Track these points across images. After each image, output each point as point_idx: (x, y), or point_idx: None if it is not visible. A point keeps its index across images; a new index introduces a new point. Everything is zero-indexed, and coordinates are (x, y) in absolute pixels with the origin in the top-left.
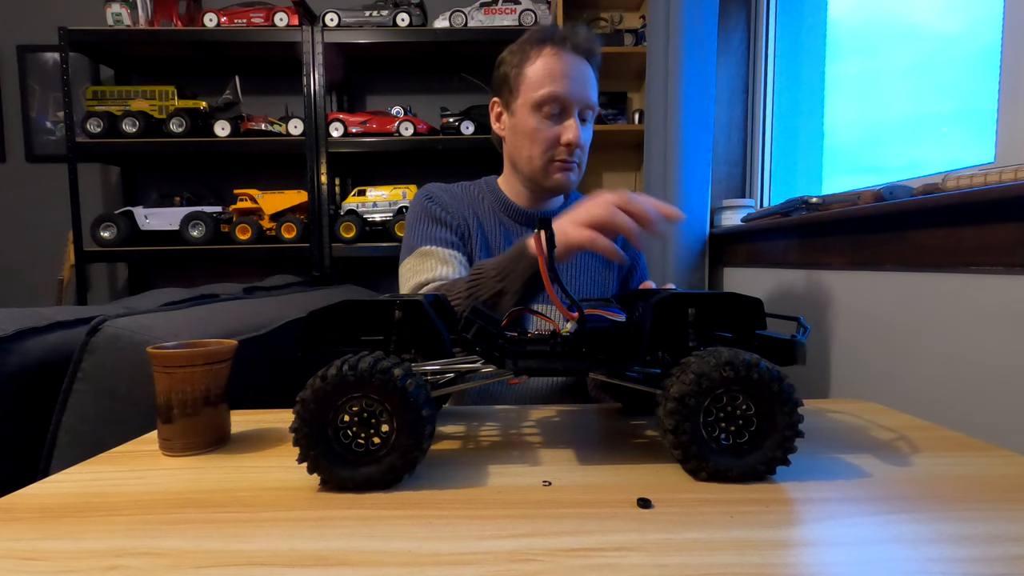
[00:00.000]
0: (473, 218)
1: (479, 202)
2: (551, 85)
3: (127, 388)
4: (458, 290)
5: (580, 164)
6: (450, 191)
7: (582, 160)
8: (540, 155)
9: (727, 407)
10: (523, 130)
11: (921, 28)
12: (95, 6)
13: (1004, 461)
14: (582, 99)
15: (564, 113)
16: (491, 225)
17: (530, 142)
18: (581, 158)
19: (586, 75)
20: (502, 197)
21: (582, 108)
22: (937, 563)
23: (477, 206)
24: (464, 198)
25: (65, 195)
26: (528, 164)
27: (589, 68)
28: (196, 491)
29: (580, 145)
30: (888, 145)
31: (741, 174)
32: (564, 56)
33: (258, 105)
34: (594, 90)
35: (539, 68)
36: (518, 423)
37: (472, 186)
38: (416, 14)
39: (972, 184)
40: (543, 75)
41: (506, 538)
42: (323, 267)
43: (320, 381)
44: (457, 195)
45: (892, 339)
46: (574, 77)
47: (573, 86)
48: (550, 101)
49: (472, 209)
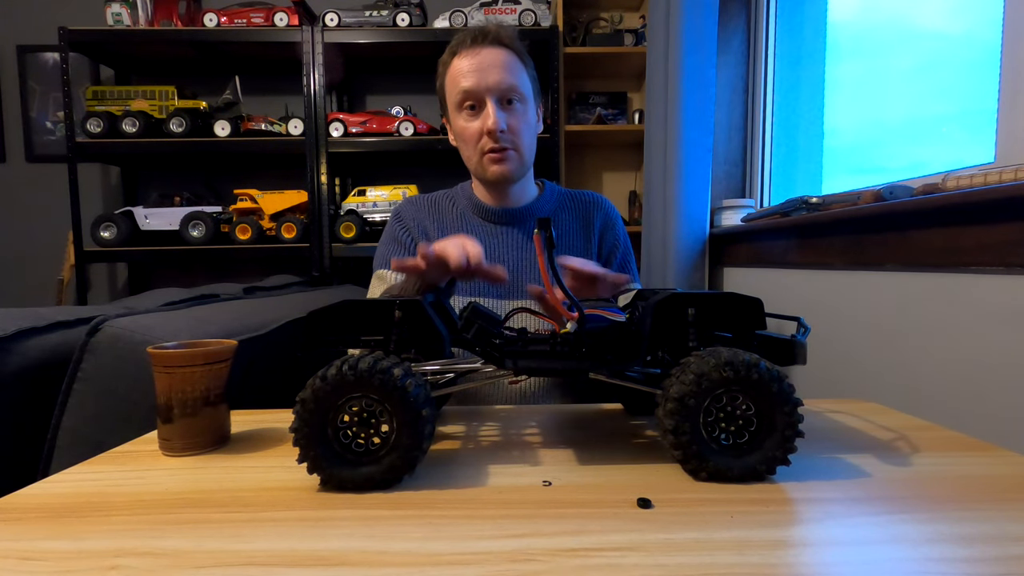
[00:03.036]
0: (435, 226)
1: (448, 207)
2: (463, 83)
3: (127, 388)
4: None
5: (517, 148)
6: (418, 204)
7: (517, 143)
8: (473, 152)
9: (727, 407)
10: (458, 133)
11: (923, 29)
12: (95, 6)
13: (1004, 461)
14: (495, 85)
15: (480, 105)
16: (457, 227)
17: (464, 143)
18: (515, 142)
19: (498, 61)
20: (473, 198)
21: (501, 93)
22: (937, 563)
23: (445, 211)
24: (432, 207)
25: (65, 195)
26: (470, 164)
27: (506, 55)
28: (196, 491)
29: (503, 129)
30: (890, 146)
31: (741, 174)
32: (473, 52)
33: (258, 105)
34: (516, 72)
35: (454, 72)
36: (518, 423)
37: (445, 193)
38: (416, 14)
39: (972, 184)
40: (455, 79)
41: (506, 538)
42: (323, 267)
43: (320, 381)
44: (423, 206)
45: (892, 339)
46: (481, 68)
47: (480, 77)
48: (465, 100)
49: (438, 216)
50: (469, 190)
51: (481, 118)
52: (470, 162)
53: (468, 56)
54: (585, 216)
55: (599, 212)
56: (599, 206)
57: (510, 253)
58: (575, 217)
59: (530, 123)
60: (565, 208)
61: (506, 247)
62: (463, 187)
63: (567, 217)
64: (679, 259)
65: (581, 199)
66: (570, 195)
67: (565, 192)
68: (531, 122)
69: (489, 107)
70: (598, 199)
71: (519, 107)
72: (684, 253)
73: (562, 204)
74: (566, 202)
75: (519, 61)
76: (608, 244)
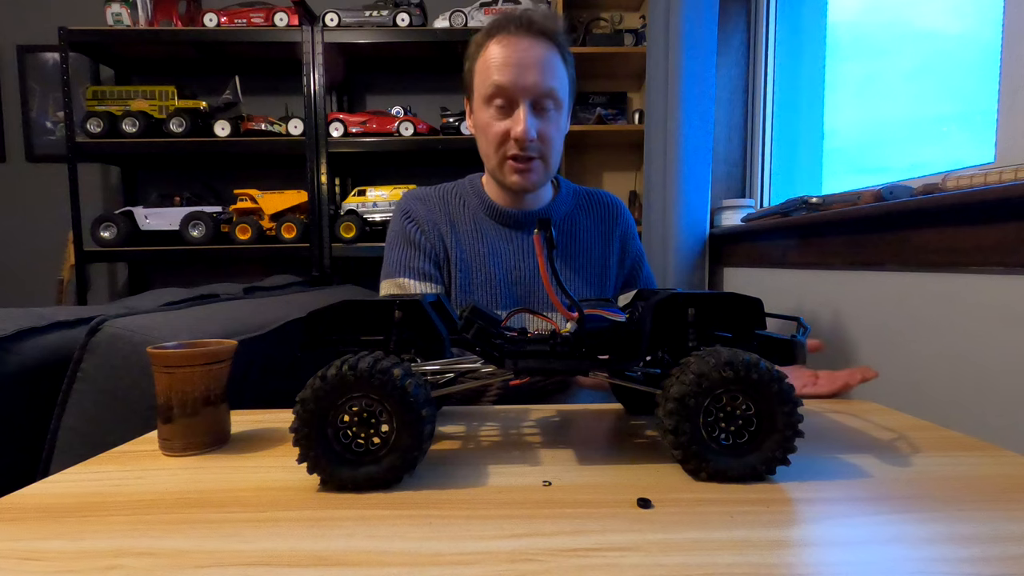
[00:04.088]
0: (449, 229)
1: (459, 207)
2: (495, 76)
3: (127, 388)
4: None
5: (544, 157)
6: (428, 201)
7: (546, 153)
8: (493, 153)
9: (727, 407)
10: (480, 127)
11: (923, 30)
12: (95, 6)
13: (1004, 461)
14: (533, 87)
15: (512, 105)
16: (470, 230)
17: (485, 139)
18: (543, 151)
19: (540, 59)
20: (485, 199)
21: (537, 97)
22: (937, 563)
23: (456, 211)
24: (443, 206)
25: (65, 195)
26: (487, 162)
27: (548, 51)
28: (196, 491)
29: (534, 139)
30: (890, 146)
31: (741, 174)
32: (513, 42)
33: (258, 105)
34: (556, 75)
35: (487, 60)
36: (518, 423)
37: (453, 188)
38: (416, 14)
39: (972, 184)
40: (490, 67)
41: (506, 538)
42: (323, 267)
43: (320, 381)
44: (435, 204)
45: (892, 339)
46: (521, 64)
47: (519, 74)
48: (496, 94)
49: (449, 217)
50: (480, 187)
51: (511, 120)
52: (488, 160)
53: (506, 44)
54: (604, 221)
55: (620, 219)
56: (618, 213)
57: (527, 259)
58: (594, 222)
59: (562, 129)
60: (583, 210)
61: (523, 252)
62: (472, 181)
63: (586, 221)
64: (679, 259)
65: (599, 201)
66: (586, 194)
67: (581, 191)
68: (563, 128)
69: (521, 111)
70: (616, 203)
71: (553, 113)
72: (684, 253)
73: (579, 205)
74: (583, 203)
75: (560, 58)
76: (631, 255)
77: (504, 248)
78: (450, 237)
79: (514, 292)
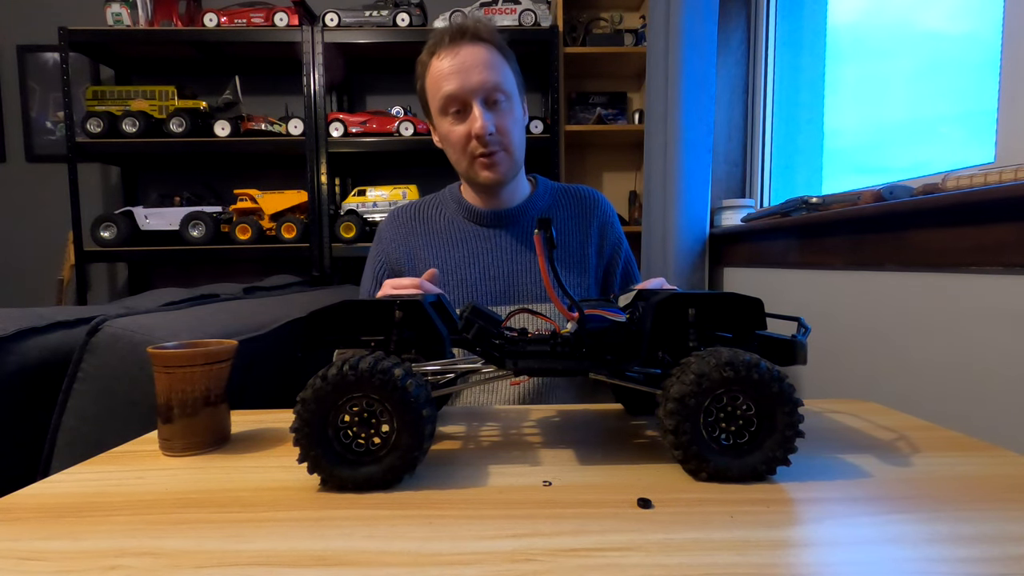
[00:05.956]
0: (421, 242)
1: (436, 216)
2: (444, 86)
3: (127, 388)
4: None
5: (507, 148)
6: (403, 221)
7: (507, 144)
8: (461, 157)
9: (727, 407)
10: (443, 137)
11: (923, 31)
12: (95, 6)
13: (1004, 461)
14: (478, 86)
15: (466, 108)
16: (446, 238)
17: (450, 147)
18: (504, 143)
19: (479, 60)
20: (463, 203)
21: (486, 94)
22: (937, 563)
23: (432, 221)
24: (415, 222)
25: (65, 195)
26: (459, 168)
27: (486, 51)
28: (196, 491)
29: (493, 132)
30: (891, 146)
31: (741, 174)
32: (452, 52)
33: (258, 105)
34: (499, 70)
35: (434, 75)
36: (518, 423)
37: (433, 199)
38: (416, 14)
39: (972, 184)
40: (438, 80)
41: (506, 538)
42: (323, 267)
43: (320, 381)
44: (406, 221)
45: (892, 339)
46: (462, 69)
47: (464, 78)
48: (449, 103)
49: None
50: (458, 193)
51: (468, 121)
52: (459, 165)
53: (447, 56)
54: (580, 212)
55: (596, 209)
56: (596, 202)
57: (505, 256)
58: (570, 214)
59: (517, 119)
60: (559, 205)
61: (500, 250)
62: (451, 190)
63: (562, 214)
64: (679, 259)
65: (576, 194)
66: (563, 190)
67: (559, 187)
68: (518, 118)
69: (475, 110)
70: (593, 194)
71: (505, 105)
72: (684, 253)
73: (556, 200)
74: (560, 198)
75: (501, 56)
76: (610, 243)
77: (482, 247)
78: (423, 250)
79: (493, 288)
